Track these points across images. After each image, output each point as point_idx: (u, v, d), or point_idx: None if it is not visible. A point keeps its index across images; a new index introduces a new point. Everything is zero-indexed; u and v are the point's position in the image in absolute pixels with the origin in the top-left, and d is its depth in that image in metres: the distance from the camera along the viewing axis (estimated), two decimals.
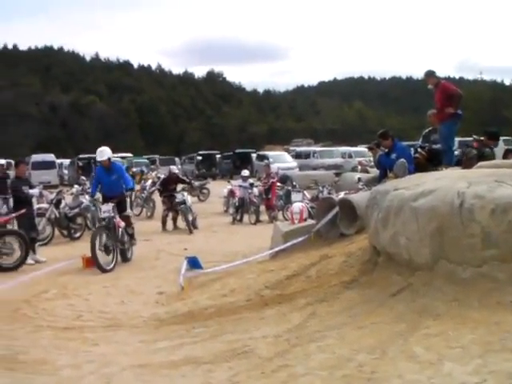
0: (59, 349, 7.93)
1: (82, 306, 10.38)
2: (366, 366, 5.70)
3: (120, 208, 15.11)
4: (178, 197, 21.67)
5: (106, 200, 15.18)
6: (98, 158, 15.35)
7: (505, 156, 16.41)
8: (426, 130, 14.77)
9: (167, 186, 22.59)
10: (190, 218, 21.19)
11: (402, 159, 12.59)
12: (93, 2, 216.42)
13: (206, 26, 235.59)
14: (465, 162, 13.01)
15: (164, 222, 21.87)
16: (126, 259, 15.00)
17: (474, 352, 5.55)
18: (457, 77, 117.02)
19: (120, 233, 14.71)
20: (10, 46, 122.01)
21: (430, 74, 14.33)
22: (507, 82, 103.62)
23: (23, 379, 6.77)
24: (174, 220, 21.95)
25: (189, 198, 22.36)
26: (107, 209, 14.64)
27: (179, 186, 22.87)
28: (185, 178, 27.25)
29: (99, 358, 7.38)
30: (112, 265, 13.89)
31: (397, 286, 7.55)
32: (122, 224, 14.89)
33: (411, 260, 7.58)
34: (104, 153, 15.19)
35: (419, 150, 14.27)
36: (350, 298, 7.96)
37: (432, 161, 13.67)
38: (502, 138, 20.98)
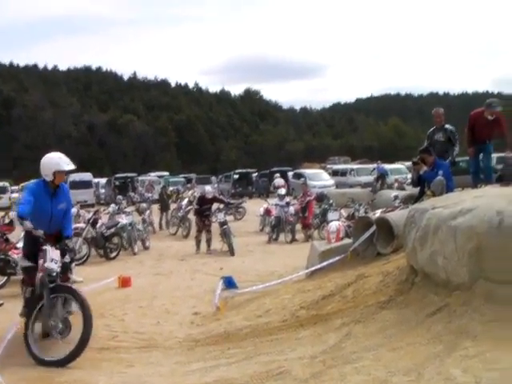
0: (95, 369, 7.94)
1: (117, 326, 10.40)
2: None
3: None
4: (219, 216, 21.22)
5: (37, 240, 8.72)
6: (65, 167, 9.12)
7: None
8: (430, 130, 14.64)
9: (202, 205, 21.43)
10: (232, 241, 20.55)
11: (441, 177, 12.52)
12: (130, 22, 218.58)
13: (242, 44, 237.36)
14: None
15: (198, 244, 21.15)
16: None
17: None
18: (495, 92, 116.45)
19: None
20: (49, 67, 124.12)
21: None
22: None
23: None
24: (208, 242, 21.08)
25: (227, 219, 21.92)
26: (54, 257, 8.58)
27: (214, 205, 22.27)
28: (222, 197, 26.99)
29: (134, 379, 7.39)
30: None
31: (434, 306, 7.42)
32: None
33: (449, 280, 7.44)
34: (66, 161, 9.21)
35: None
36: (386, 319, 7.84)
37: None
38: None
